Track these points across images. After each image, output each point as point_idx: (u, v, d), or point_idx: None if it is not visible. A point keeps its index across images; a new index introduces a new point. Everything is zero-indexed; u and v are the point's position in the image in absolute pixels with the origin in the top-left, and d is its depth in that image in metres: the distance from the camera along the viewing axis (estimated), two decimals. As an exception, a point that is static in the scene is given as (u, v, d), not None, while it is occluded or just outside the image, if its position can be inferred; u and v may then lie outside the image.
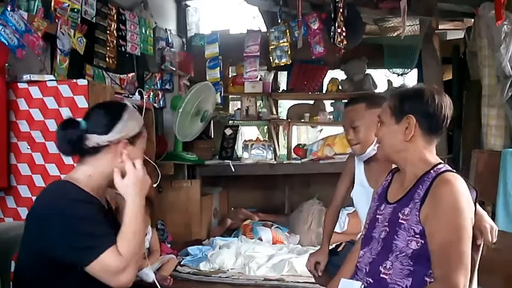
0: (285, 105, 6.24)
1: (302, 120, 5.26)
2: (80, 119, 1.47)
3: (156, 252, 3.08)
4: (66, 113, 2.31)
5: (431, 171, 1.48)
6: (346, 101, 5.02)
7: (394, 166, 1.67)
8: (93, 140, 1.43)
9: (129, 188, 1.42)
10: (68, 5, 2.85)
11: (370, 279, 1.51)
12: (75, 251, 1.30)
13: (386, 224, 1.51)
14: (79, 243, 1.31)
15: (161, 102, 4.20)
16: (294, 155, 4.69)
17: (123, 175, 1.44)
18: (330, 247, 2.27)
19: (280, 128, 5.53)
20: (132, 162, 1.46)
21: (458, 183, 1.43)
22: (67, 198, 1.37)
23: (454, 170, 1.51)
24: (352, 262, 1.66)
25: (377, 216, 1.58)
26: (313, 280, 2.31)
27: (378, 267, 1.48)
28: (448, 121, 1.56)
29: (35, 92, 2.36)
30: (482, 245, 1.65)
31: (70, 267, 1.32)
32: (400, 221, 1.47)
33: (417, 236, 1.43)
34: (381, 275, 1.47)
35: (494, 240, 1.64)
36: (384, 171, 1.73)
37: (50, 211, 1.35)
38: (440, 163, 1.52)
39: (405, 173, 1.55)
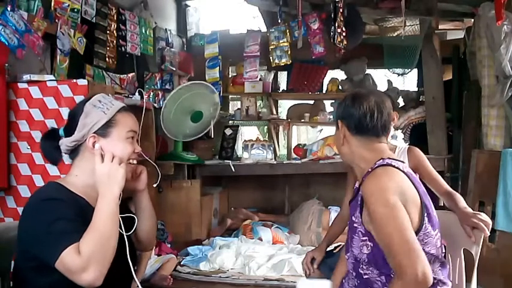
0: (285, 105, 6.24)
1: (302, 120, 5.26)
2: (60, 128, 1.52)
3: (144, 258, 2.82)
4: (66, 113, 2.30)
5: (370, 169, 1.51)
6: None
7: None
8: (64, 144, 1.48)
9: (97, 184, 1.39)
10: (68, 5, 2.86)
11: (358, 281, 1.56)
12: (43, 250, 1.29)
13: (350, 229, 1.57)
14: (45, 242, 1.29)
15: (161, 102, 4.20)
16: (294, 155, 4.69)
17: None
18: (329, 248, 2.28)
19: (280, 128, 5.54)
20: (101, 155, 1.41)
21: (384, 177, 1.44)
22: (41, 197, 1.39)
23: (394, 163, 1.50)
24: (345, 263, 1.69)
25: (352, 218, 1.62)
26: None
27: (358, 270, 1.53)
28: (379, 120, 1.54)
29: (35, 92, 2.36)
30: (481, 243, 1.65)
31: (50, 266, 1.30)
32: (354, 225, 1.52)
33: (364, 238, 1.47)
34: (364, 277, 1.51)
35: (488, 233, 1.63)
36: None
37: (26, 210, 1.38)
38: (381, 159, 1.51)
39: (357, 174, 1.60)
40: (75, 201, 1.42)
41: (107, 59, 3.41)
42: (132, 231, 1.50)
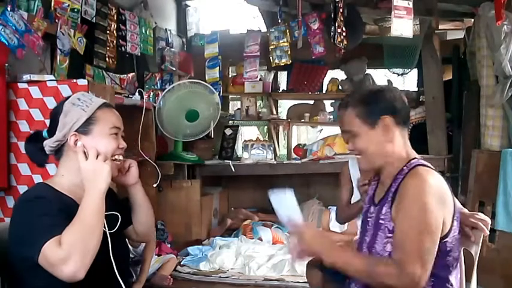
0: (285, 105, 6.23)
1: (302, 120, 5.26)
2: (43, 130, 1.52)
3: (147, 257, 2.78)
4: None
5: (405, 167, 1.49)
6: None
7: None
8: (47, 145, 1.48)
9: (83, 181, 1.38)
10: (68, 5, 2.85)
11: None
12: (28, 247, 1.28)
13: (372, 226, 1.54)
14: (29, 239, 1.28)
15: (161, 102, 4.20)
16: (294, 155, 4.69)
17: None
18: None
19: (280, 128, 5.53)
20: (84, 153, 1.40)
21: (429, 177, 1.42)
22: (26, 197, 1.40)
23: (429, 164, 1.50)
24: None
25: (368, 219, 1.60)
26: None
27: None
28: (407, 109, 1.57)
29: (35, 92, 2.36)
30: (480, 243, 1.65)
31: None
32: (379, 221, 1.50)
33: (390, 235, 1.45)
34: None
35: (487, 233, 1.63)
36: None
37: (13, 212, 1.39)
38: (414, 158, 1.52)
39: (384, 173, 1.57)
40: (62, 201, 1.41)
41: (107, 59, 3.41)
42: (115, 229, 1.47)
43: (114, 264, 1.41)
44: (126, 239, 1.71)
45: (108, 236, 1.39)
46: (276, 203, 1.63)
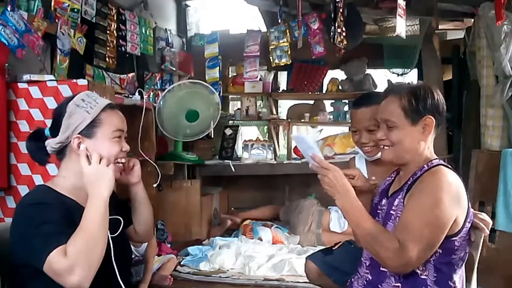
0: (285, 105, 6.23)
1: (302, 120, 5.26)
2: (45, 128, 1.50)
3: (150, 257, 2.84)
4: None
5: (425, 165, 1.51)
6: (349, 100, 5.10)
7: None
8: (49, 145, 1.45)
9: (86, 185, 1.36)
10: (68, 5, 2.86)
11: (369, 276, 1.54)
12: (31, 255, 1.27)
13: (382, 218, 1.54)
14: (32, 247, 1.26)
15: (161, 103, 4.20)
16: (294, 155, 4.69)
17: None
18: (328, 245, 2.28)
19: (280, 128, 5.53)
20: (86, 157, 1.38)
21: (449, 175, 1.44)
22: (27, 202, 1.37)
23: (449, 166, 1.53)
24: None
25: (378, 211, 1.60)
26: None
27: (376, 261, 1.51)
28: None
29: (35, 92, 2.36)
30: (481, 244, 1.65)
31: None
32: (390, 212, 1.50)
33: None
34: (381, 269, 1.50)
35: (487, 233, 1.63)
36: (389, 172, 1.73)
37: (14, 217, 1.36)
38: (436, 158, 1.54)
39: (406, 170, 1.57)
40: (63, 203, 1.39)
41: (107, 59, 3.41)
42: (117, 233, 1.45)
43: (116, 267, 1.39)
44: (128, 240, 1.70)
45: (111, 240, 1.37)
46: (299, 142, 1.68)
